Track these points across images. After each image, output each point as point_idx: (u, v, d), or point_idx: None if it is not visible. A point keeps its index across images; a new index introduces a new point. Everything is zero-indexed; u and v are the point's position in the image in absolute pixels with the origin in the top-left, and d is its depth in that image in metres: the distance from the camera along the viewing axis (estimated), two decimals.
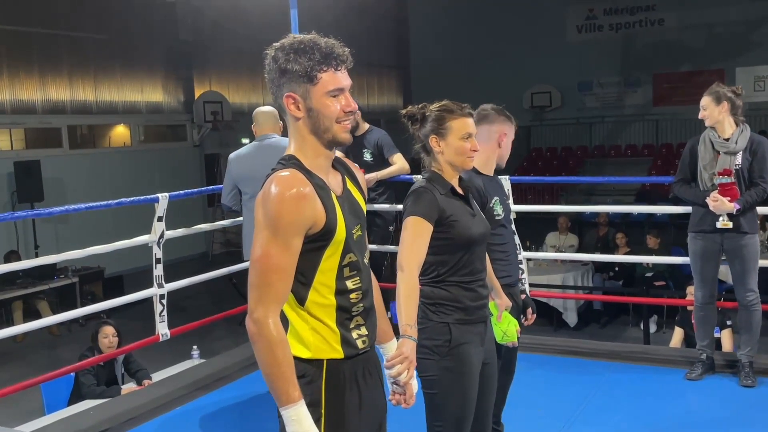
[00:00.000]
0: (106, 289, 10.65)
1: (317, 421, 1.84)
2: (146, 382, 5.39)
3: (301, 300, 1.88)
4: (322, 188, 1.85)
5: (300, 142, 1.90)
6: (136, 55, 13.73)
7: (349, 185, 1.99)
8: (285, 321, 1.89)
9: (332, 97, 1.86)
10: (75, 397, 5.32)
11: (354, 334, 1.92)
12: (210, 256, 14.63)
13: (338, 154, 2.05)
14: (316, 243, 1.85)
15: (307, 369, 1.88)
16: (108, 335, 5.52)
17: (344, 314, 1.91)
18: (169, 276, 4.83)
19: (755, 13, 16.06)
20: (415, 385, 2.23)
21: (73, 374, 5.37)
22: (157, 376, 5.42)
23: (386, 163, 5.24)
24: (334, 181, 1.93)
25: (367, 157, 5.25)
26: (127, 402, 4.48)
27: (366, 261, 1.99)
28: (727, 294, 5.04)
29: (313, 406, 1.84)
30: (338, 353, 1.90)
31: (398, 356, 2.17)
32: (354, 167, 2.07)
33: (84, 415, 4.26)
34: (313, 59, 1.82)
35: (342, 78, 1.87)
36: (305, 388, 1.84)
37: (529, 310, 3.37)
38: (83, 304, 9.09)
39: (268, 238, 1.79)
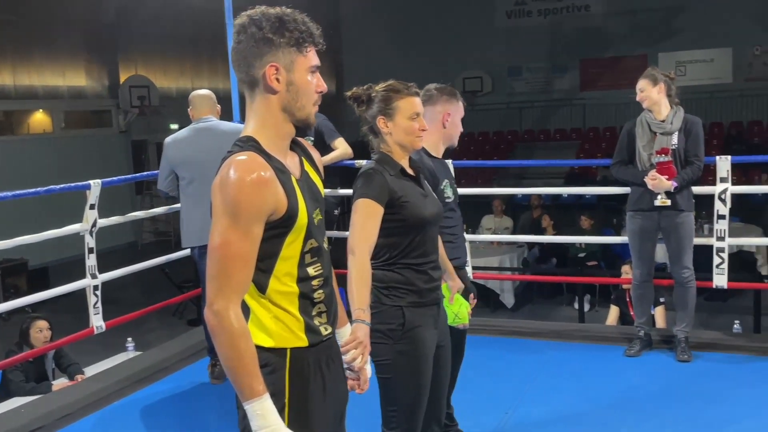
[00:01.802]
0: (31, 281, 10.24)
1: (281, 411, 1.77)
2: (79, 377, 5.19)
3: (261, 288, 1.80)
4: (282, 172, 1.77)
5: (264, 119, 1.80)
6: (57, 37, 13.16)
7: (307, 167, 1.91)
8: (246, 310, 1.81)
9: (311, 74, 1.80)
10: (2, 394, 5.09)
11: (317, 321, 1.86)
12: (139, 245, 14.25)
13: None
14: (277, 229, 1.77)
15: (270, 358, 1.80)
16: (42, 329, 5.30)
17: (307, 301, 1.84)
18: (99, 266, 4.64)
19: (676, 1, 16.54)
20: (369, 370, 2.19)
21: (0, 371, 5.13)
22: (91, 371, 5.23)
23: (328, 149, 5.15)
24: (292, 163, 1.85)
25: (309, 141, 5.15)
26: (61, 398, 4.29)
27: (326, 246, 1.93)
28: (661, 272, 5.18)
29: (276, 396, 1.77)
30: (302, 341, 1.83)
31: (352, 341, 2.12)
32: (310, 148, 2.00)
33: (14, 414, 4.07)
34: (300, 31, 1.76)
35: (317, 57, 1.82)
36: (268, 378, 1.77)
37: (471, 294, 3.36)
38: (6, 298, 8.72)
39: (227, 226, 1.70)
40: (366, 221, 2.45)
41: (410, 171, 2.62)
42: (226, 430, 1.87)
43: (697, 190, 4.66)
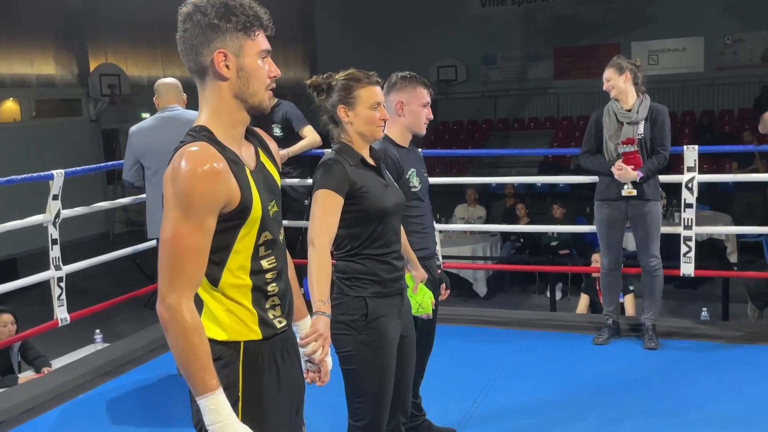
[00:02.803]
0: None
1: (234, 405, 1.75)
2: (45, 369, 5.12)
3: (214, 281, 1.77)
4: (236, 163, 1.73)
5: (216, 108, 1.77)
6: (24, 24, 12.90)
7: (263, 158, 1.88)
8: (199, 303, 1.77)
9: (261, 59, 1.77)
10: None
11: (270, 314, 1.83)
12: (111, 235, 14.09)
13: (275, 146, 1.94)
14: (230, 222, 1.73)
15: (223, 351, 1.78)
16: (7, 323, 5.21)
17: (260, 294, 1.82)
18: (68, 257, 4.57)
19: None
20: (329, 362, 2.17)
21: None
22: (58, 363, 5.17)
23: (296, 137, 5.10)
24: (247, 153, 1.82)
25: (277, 132, 5.09)
26: (26, 391, 4.23)
27: (282, 238, 1.90)
28: (629, 260, 5.22)
29: (229, 389, 1.75)
30: (256, 334, 1.81)
31: (312, 333, 2.10)
32: (267, 138, 1.96)
33: None
34: (248, 15, 1.72)
35: (267, 42, 1.78)
36: (221, 371, 1.74)
37: (444, 285, 3.35)
38: None
39: (178, 218, 1.66)
40: (326, 212, 2.43)
41: (371, 161, 2.60)
42: (191, 423, 1.84)
43: (665, 178, 4.70)
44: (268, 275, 1.82)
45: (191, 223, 1.66)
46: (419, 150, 3.44)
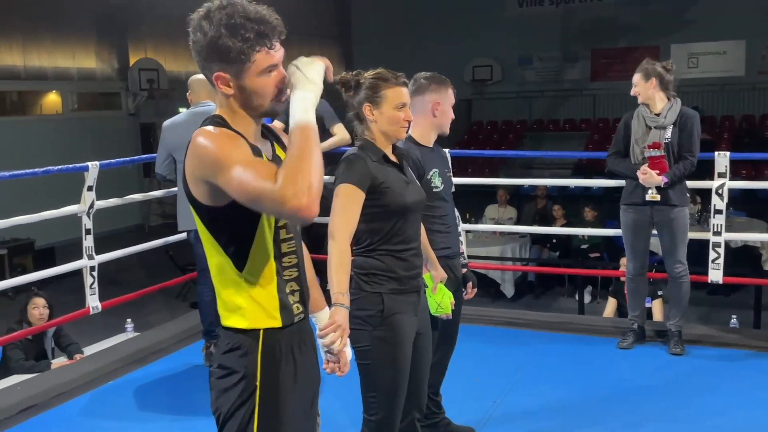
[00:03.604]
0: (37, 261, 10.33)
1: (252, 394, 1.81)
2: (78, 356, 5.25)
3: (239, 266, 1.82)
4: (252, 147, 1.79)
5: (230, 110, 1.82)
6: (67, 18, 13.18)
7: (278, 151, 1.93)
8: (222, 291, 1.85)
9: (267, 74, 1.77)
10: (3, 371, 5.16)
11: (290, 299, 1.88)
12: (146, 227, 14.32)
13: (278, 124, 1.99)
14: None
15: (243, 340, 1.83)
16: (38, 306, 5.35)
17: (280, 279, 1.86)
18: (104, 248, 4.70)
19: None
20: (348, 353, 2.21)
21: (0, 349, 5.20)
22: (90, 350, 5.30)
23: (327, 134, 5.16)
24: (263, 146, 1.88)
25: None
26: (57, 376, 4.36)
27: (298, 227, 1.95)
28: (659, 265, 5.18)
29: (248, 378, 1.80)
30: (276, 321, 1.85)
31: (331, 324, 2.14)
32: (281, 133, 2.02)
33: (11, 391, 4.13)
34: (246, 40, 1.71)
35: (275, 54, 1.76)
36: (240, 360, 1.80)
37: (470, 284, 3.37)
38: (13, 277, 8.80)
39: (233, 172, 1.64)
40: (347, 206, 2.47)
41: (393, 158, 2.63)
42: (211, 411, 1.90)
43: (696, 184, 4.66)
44: (286, 260, 1.87)
45: (242, 161, 1.66)
46: (444, 150, 3.46)
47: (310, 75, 1.75)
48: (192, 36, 1.78)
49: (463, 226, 5.16)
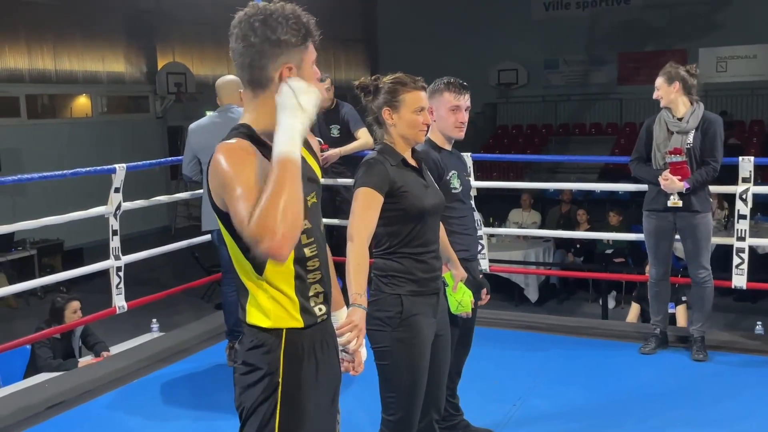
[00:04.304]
0: (65, 261, 10.51)
1: (274, 391, 1.85)
2: (105, 354, 5.35)
3: (259, 269, 1.86)
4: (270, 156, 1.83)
5: (264, 114, 1.83)
6: (97, 23, 13.42)
7: (303, 152, 1.97)
8: (244, 291, 1.89)
9: (312, 66, 1.87)
10: (31, 370, 5.27)
11: (312, 302, 1.92)
12: (173, 229, 14.49)
13: None
14: None
15: (266, 338, 1.87)
16: (76, 309, 5.46)
17: (302, 282, 1.90)
18: (131, 249, 4.78)
19: None
20: (364, 353, 2.25)
21: (29, 348, 5.31)
22: (116, 350, 5.39)
23: (352, 138, 5.22)
24: None
25: (335, 132, 5.24)
26: (83, 375, 4.45)
27: (321, 229, 1.99)
28: (684, 271, 5.14)
29: (270, 375, 1.84)
30: (298, 322, 1.89)
31: (348, 324, 2.18)
32: (309, 136, 2.05)
33: (39, 388, 4.23)
34: (305, 28, 1.81)
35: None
36: (263, 358, 1.84)
37: (484, 290, 3.37)
38: (41, 277, 8.95)
39: (239, 192, 1.69)
40: (366, 209, 2.51)
41: (412, 162, 2.66)
42: (234, 408, 1.95)
43: (720, 189, 4.62)
44: (310, 264, 1.91)
45: (251, 186, 1.69)
46: (463, 154, 3.48)
47: (304, 102, 1.71)
48: (241, 41, 1.80)
49: (484, 230, 5.19)
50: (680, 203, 4.16)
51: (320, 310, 1.94)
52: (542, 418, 3.68)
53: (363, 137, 5.18)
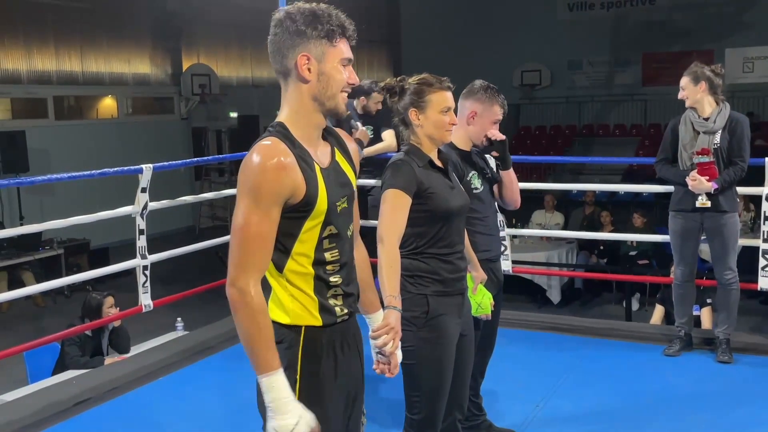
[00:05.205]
0: (92, 261, 10.61)
1: (293, 385, 1.87)
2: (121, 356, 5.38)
3: (279, 267, 1.90)
4: (304, 159, 1.86)
5: (296, 108, 1.90)
6: (123, 25, 13.58)
7: (338, 156, 1.99)
8: (267, 287, 1.92)
9: (342, 66, 1.90)
10: (59, 367, 5.33)
11: (332, 302, 1.94)
12: (197, 229, 14.60)
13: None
14: (296, 213, 1.86)
15: (285, 334, 1.91)
16: (111, 305, 5.51)
17: (321, 284, 1.93)
18: (156, 249, 4.83)
19: None
20: (399, 355, 2.26)
21: (58, 345, 5.38)
22: (141, 348, 5.44)
23: (380, 139, 5.25)
24: (321, 152, 1.94)
25: (369, 133, 5.28)
26: (110, 372, 4.50)
27: (349, 233, 2.00)
28: (709, 273, 5.10)
29: (289, 370, 1.87)
30: (316, 320, 1.92)
31: (384, 327, 2.19)
32: (347, 138, 2.07)
33: (66, 385, 4.29)
34: (332, 24, 1.86)
35: (350, 50, 1.91)
36: (283, 353, 1.87)
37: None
38: (68, 276, 9.07)
39: (248, 207, 1.80)
40: (394, 211, 2.52)
41: (438, 163, 2.68)
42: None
43: (746, 190, 4.58)
44: (329, 267, 1.93)
45: (260, 211, 1.80)
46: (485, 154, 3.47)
47: None
48: (273, 30, 1.89)
49: (507, 231, 5.18)
50: (709, 204, 4.13)
51: (341, 310, 1.96)
52: (565, 419, 3.67)
53: (387, 139, 5.19)
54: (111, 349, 5.68)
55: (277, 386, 1.80)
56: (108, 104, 14.09)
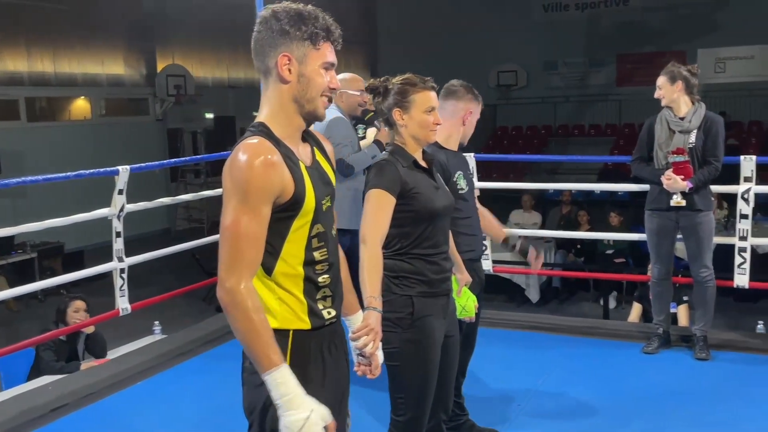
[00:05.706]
0: (66, 264, 10.49)
1: None
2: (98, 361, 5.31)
3: (268, 270, 1.87)
4: (290, 158, 1.84)
5: (276, 108, 1.88)
6: (97, 26, 13.42)
7: (318, 156, 1.98)
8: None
9: (324, 70, 1.87)
10: (34, 372, 5.24)
11: (320, 305, 1.92)
12: (173, 231, 14.48)
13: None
14: (284, 213, 1.84)
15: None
16: (79, 309, 5.42)
17: (311, 285, 1.91)
18: (132, 251, 4.77)
19: None
20: (380, 356, 2.24)
21: (33, 350, 5.30)
22: (119, 352, 5.37)
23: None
24: (303, 151, 1.93)
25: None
26: (87, 377, 4.44)
27: (333, 233, 1.99)
28: (685, 270, 5.15)
29: None
30: (305, 324, 1.90)
31: (364, 328, 2.18)
32: (323, 140, 2.06)
33: (42, 391, 4.21)
34: (317, 27, 1.84)
35: (334, 55, 1.89)
36: None
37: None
38: (42, 280, 8.94)
39: (237, 206, 1.77)
40: (378, 211, 2.51)
41: (423, 163, 2.67)
42: (240, 412, 1.95)
43: (722, 189, 4.63)
44: (319, 267, 1.91)
45: (249, 210, 1.77)
46: (465, 154, 3.50)
47: None
48: (257, 28, 1.86)
49: None
50: (684, 202, 4.17)
51: (329, 313, 1.94)
52: (546, 418, 3.68)
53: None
54: (87, 354, 5.61)
55: (284, 381, 1.76)
56: (81, 106, 13.92)
